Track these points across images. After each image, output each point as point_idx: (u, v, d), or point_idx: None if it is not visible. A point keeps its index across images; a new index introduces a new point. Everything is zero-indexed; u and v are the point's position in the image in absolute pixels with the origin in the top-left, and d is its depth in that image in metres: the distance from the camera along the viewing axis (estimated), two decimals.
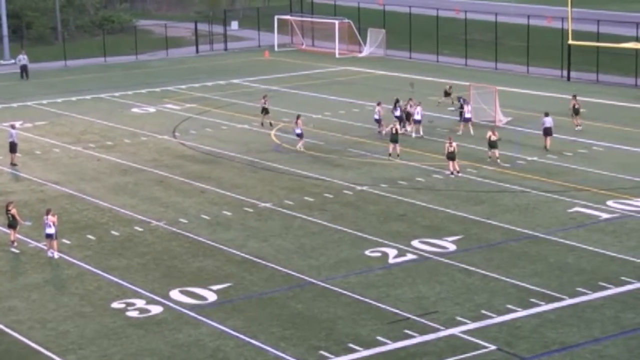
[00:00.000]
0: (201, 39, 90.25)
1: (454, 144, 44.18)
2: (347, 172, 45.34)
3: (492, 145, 46.05)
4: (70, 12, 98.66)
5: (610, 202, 39.62)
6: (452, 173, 43.88)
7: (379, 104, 52.94)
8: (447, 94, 59.45)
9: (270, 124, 55.03)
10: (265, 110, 55.47)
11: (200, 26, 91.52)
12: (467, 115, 52.02)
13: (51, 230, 34.95)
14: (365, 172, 45.25)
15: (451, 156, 43.89)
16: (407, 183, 43.14)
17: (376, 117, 52.54)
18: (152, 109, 62.37)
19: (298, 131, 49.49)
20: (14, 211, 36.12)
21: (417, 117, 51.51)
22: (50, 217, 34.93)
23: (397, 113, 52.12)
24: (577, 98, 53.90)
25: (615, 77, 68.64)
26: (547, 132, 48.36)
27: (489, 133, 46.49)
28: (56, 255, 34.98)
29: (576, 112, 52.88)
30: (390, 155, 47.15)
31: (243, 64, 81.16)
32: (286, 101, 62.90)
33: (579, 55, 69.22)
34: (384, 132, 51.13)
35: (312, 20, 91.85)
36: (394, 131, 47.10)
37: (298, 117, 50.43)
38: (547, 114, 48.68)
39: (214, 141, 52.36)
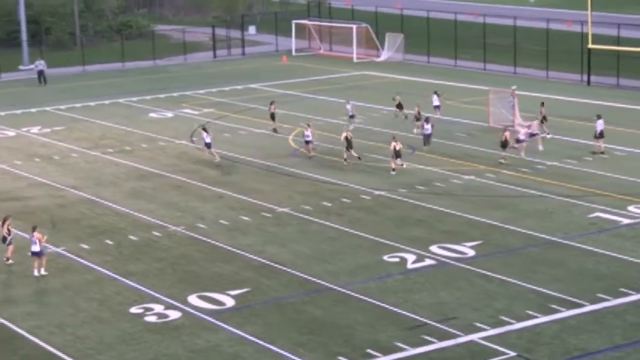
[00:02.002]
0: (219, 43, 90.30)
1: (399, 144, 45.24)
2: (365, 177, 45.20)
3: (504, 145, 46.72)
4: (89, 18, 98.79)
5: (631, 208, 39.35)
6: (393, 170, 44.85)
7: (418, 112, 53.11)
8: (399, 106, 56.83)
9: (275, 130, 54.65)
10: (272, 116, 55.08)
11: (218, 31, 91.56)
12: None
13: (37, 248, 33.79)
14: (383, 176, 45.10)
15: (398, 154, 44.90)
16: (425, 188, 42.98)
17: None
18: (169, 114, 62.37)
19: (308, 138, 49.21)
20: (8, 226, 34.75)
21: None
22: (36, 234, 33.79)
23: (427, 126, 49.65)
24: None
25: (636, 81, 68.07)
26: (601, 134, 47.93)
27: (505, 133, 47.06)
28: (43, 271, 33.83)
29: (544, 119, 52.04)
30: (345, 160, 47.13)
31: (261, 68, 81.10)
32: (304, 106, 62.77)
33: (599, 59, 68.83)
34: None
35: (330, 24, 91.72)
36: (349, 138, 47.17)
37: (308, 124, 49.97)
38: (599, 117, 48.23)
39: (231, 146, 52.29)
